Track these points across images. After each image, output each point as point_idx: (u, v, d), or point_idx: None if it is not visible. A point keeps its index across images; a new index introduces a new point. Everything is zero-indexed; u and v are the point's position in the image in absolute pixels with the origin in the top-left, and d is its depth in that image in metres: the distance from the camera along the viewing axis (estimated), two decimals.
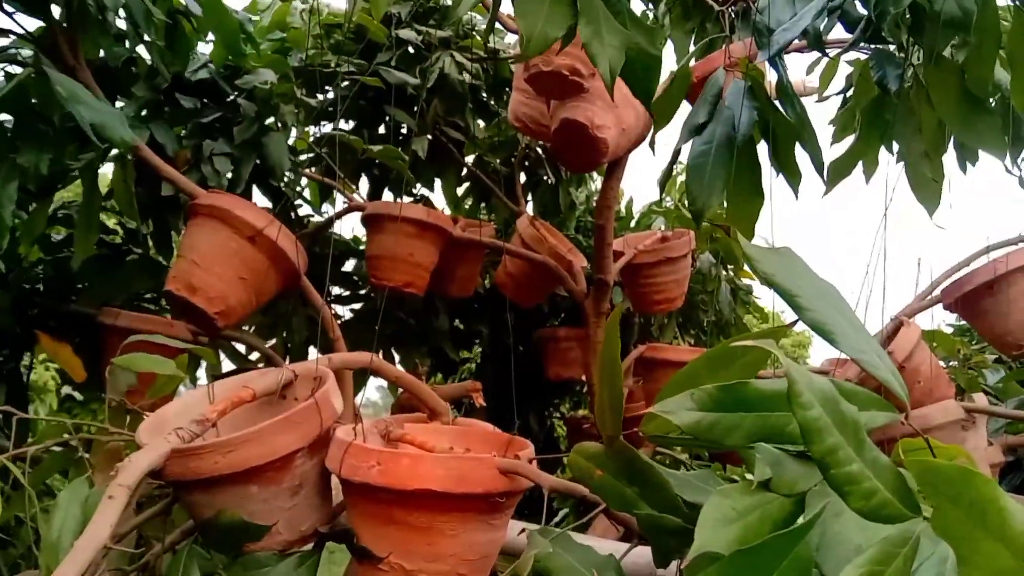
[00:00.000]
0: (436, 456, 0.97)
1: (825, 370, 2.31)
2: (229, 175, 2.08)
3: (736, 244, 0.77)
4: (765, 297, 3.71)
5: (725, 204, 1.36)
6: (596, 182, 3.25)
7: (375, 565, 0.99)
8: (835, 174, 1.56)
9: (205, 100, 2.18)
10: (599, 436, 2.55)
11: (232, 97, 2.17)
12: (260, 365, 2.16)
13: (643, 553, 0.99)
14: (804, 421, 0.54)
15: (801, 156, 1.39)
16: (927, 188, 1.47)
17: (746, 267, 2.89)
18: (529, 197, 3.05)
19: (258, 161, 2.10)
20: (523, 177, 2.96)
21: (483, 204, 3.12)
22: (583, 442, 0.89)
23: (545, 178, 2.97)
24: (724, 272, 2.97)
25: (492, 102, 2.81)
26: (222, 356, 2.36)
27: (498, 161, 2.88)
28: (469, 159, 2.84)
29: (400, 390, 2.05)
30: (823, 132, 1.89)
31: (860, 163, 1.68)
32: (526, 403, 3.35)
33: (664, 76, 1.38)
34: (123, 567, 1.11)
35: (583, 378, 3.31)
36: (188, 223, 1.66)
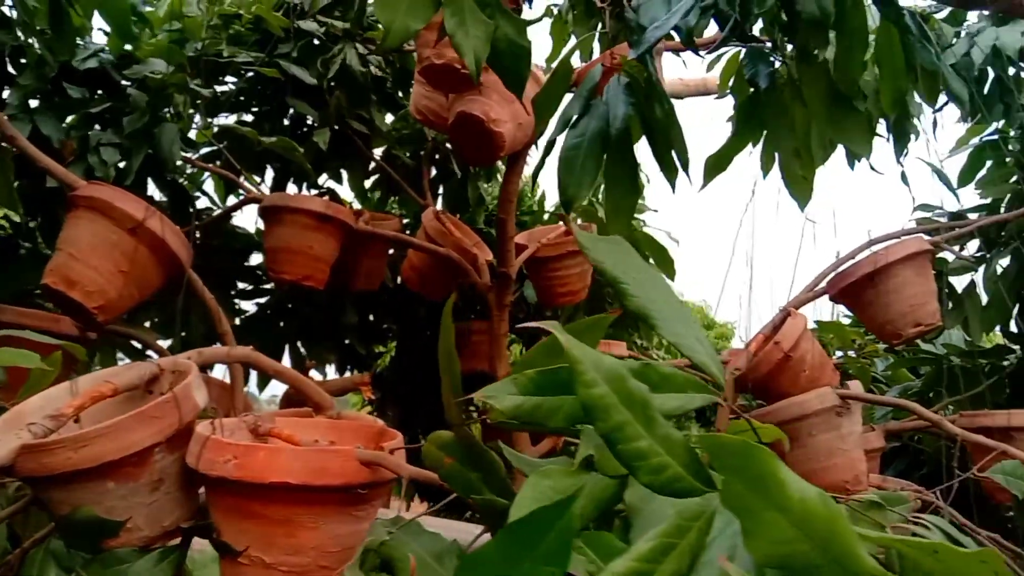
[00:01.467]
0: (294, 449, 0.97)
1: (724, 360, 2.38)
2: (122, 165, 2.04)
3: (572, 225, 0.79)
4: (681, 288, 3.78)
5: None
6: None
7: (235, 560, 0.99)
8: (711, 169, 1.61)
9: (96, 90, 2.13)
10: (506, 431, 2.57)
11: (124, 87, 2.12)
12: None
13: None
14: (589, 399, 0.56)
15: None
16: (798, 184, 1.53)
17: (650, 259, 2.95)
18: (440, 190, 3.05)
19: (151, 151, 2.06)
20: (433, 171, 2.96)
21: (393, 198, 3.11)
22: (438, 431, 0.90)
23: (455, 172, 2.97)
24: None
25: (399, 94, 2.80)
26: (119, 354, 2.31)
27: (407, 154, 2.88)
28: (378, 152, 2.82)
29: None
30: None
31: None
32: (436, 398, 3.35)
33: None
34: None
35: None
36: (67, 215, 1.61)
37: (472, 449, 0.78)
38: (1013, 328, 2.56)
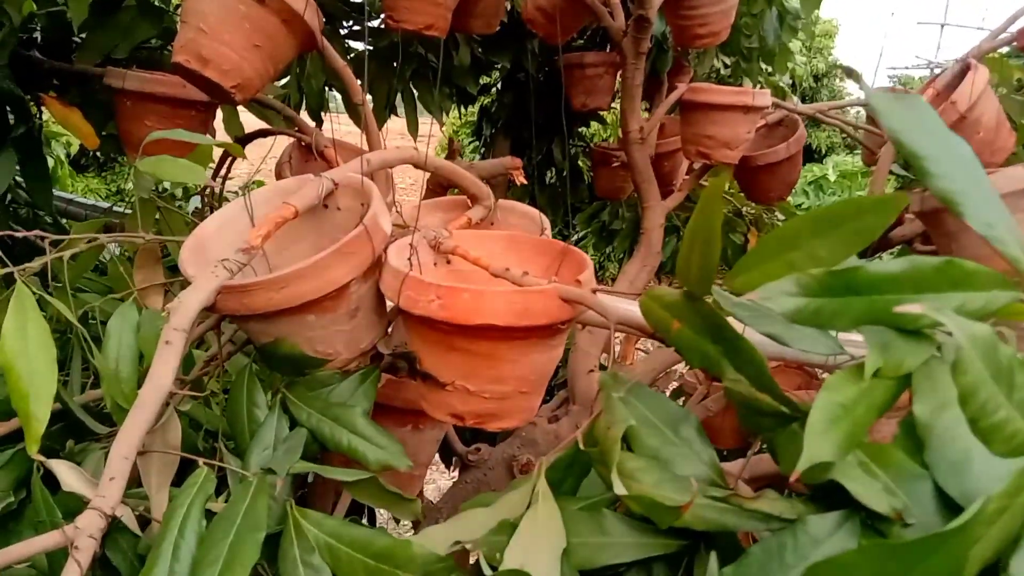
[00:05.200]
0: (497, 291, 0.93)
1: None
2: None
3: (864, 85, 0.65)
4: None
5: None
6: None
7: (440, 387, 1.00)
8: None
9: None
10: (626, 167, 2.47)
11: None
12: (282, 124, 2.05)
13: None
14: (963, 385, 0.49)
15: None
16: None
17: None
18: None
19: None
20: None
21: None
22: (658, 288, 0.84)
23: None
24: None
25: None
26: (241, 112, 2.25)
27: None
28: None
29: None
30: None
31: None
32: (548, 133, 3.25)
33: None
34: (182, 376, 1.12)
35: (611, 107, 3.18)
36: None
37: (710, 319, 0.72)
38: None
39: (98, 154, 8.91)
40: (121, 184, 8.58)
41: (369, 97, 2.31)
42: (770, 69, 3.31)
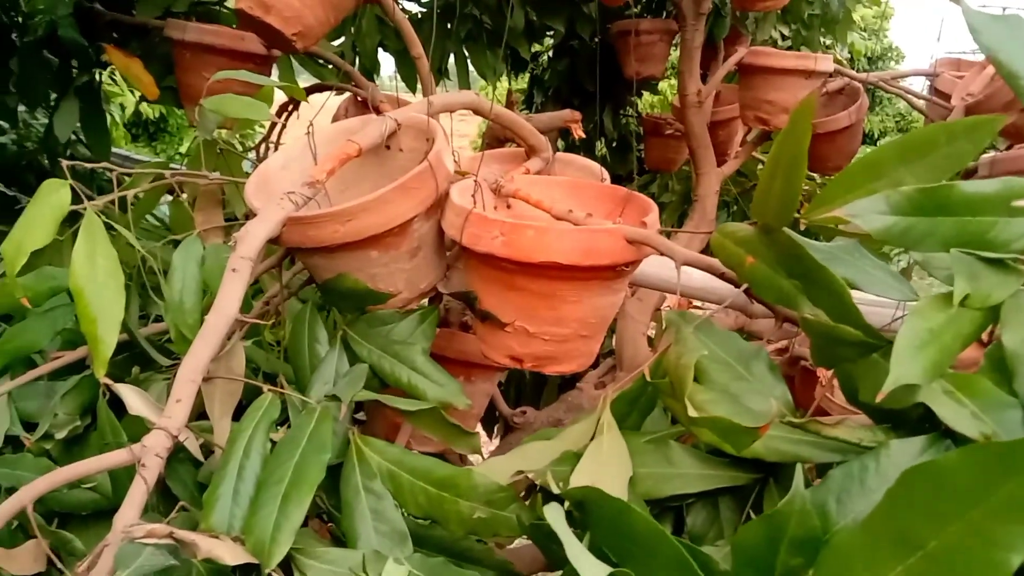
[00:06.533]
0: (561, 229, 0.92)
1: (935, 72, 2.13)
2: None
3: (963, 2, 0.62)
4: None
5: None
6: None
7: (499, 327, 0.99)
8: None
9: None
10: (678, 137, 2.45)
11: None
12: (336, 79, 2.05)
13: None
14: None
15: None
16: None
17: None
18: None
19: None
20: None
21: None
22: (729, 224, 0.82)
23: None
24: None
25: None
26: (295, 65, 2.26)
27: None
28: None
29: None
30: None
31: None
32: (600, 100, 3.22)
33: None
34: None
35: (665, 75, 3.13)
36: None
37: (800, 259, 0.70)
38: None
39: (148, 124, 9.08)
40: (171, 153, 8.71)
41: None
42: (829, 41, 3.23)
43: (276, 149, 1.94)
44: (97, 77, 2.09)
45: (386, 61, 3.16)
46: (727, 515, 0.72)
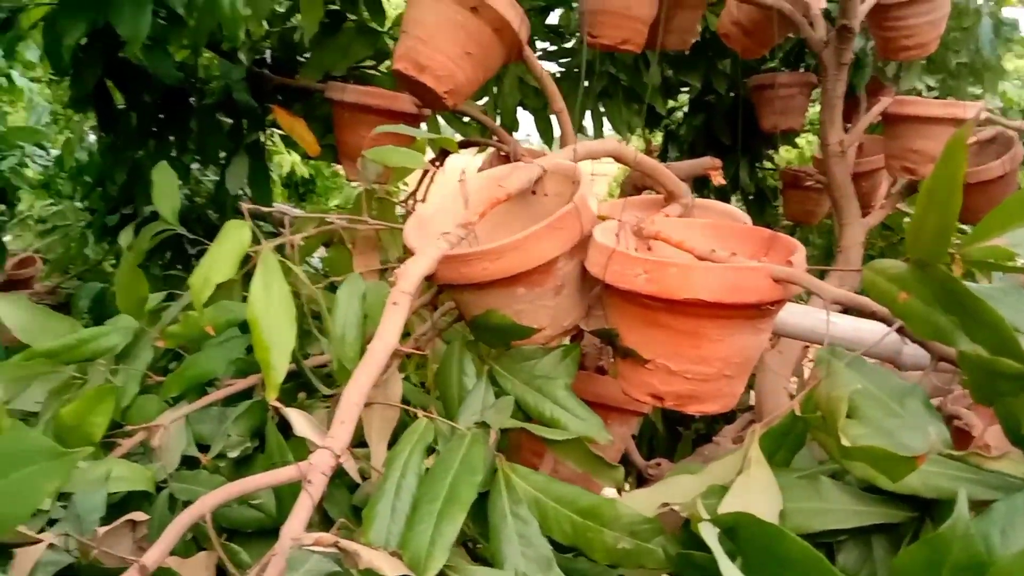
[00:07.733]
0: (706, 266, 0.93)
1: None
2: None
3: None
4: None
5: None
6: None
7: (641, 365, 1.01)
8: None
9: None
10: (818, 189, 2.40)
11: None
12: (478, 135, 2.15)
13: None
14: None
15: None
16: None
17: None
18: None
19: None
20: None
21: None
22: (880, 260, 0.82)
23: None
24: (985, 2, 2.54)
25: None
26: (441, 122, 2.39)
27: None
28: None
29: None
30: None
31: None
32: (735, 156, 3.21)
33: None
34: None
35: (802, 128, 3.09)
36: None
37: (953, 294, 0.69)
38: None
39: (299, 184, 9.73)
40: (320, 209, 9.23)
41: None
42: (979, 91, 3.11)
43: (424, 200, 2.06)
44: (262, 137, 2.28)
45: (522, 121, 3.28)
46: (880, 554, 0.70)
